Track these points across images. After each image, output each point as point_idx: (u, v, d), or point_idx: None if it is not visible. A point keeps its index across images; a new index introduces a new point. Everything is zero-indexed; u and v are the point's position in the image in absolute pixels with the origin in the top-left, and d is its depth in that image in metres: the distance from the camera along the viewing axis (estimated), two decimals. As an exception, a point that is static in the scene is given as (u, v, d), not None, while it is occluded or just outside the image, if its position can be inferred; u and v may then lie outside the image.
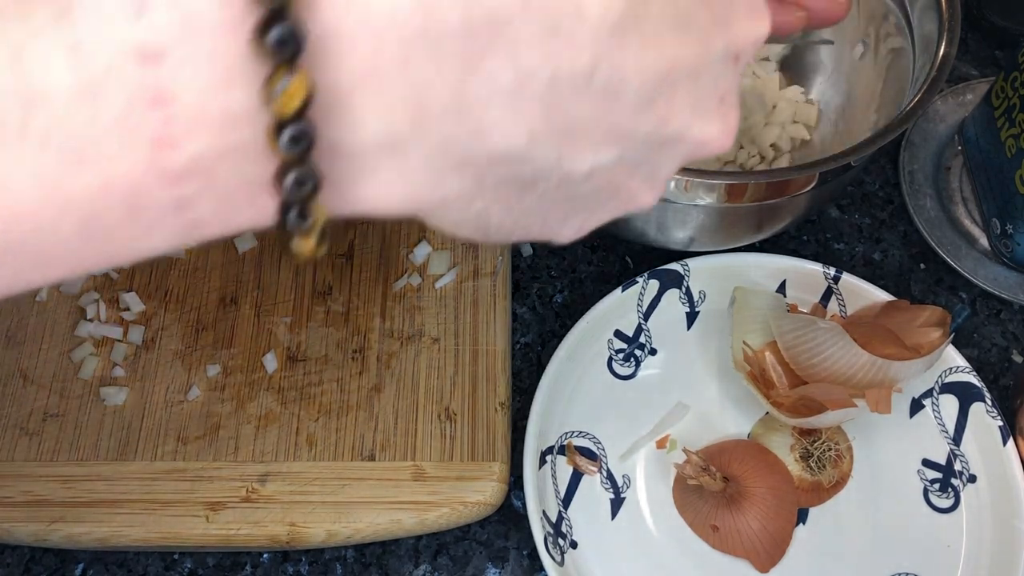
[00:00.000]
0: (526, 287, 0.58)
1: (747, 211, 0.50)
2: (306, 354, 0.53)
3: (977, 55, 0.68)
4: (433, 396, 0.52)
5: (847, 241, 0.61)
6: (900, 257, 0.60)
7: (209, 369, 0.52)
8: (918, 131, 0.64)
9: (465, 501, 0.49)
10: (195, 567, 0.50)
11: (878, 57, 0.56)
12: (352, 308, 0.54)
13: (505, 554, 0.51)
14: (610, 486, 0.51)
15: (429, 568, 0.50)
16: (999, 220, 0.57)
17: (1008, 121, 0.55)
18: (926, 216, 0.60)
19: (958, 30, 0.49)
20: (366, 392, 0.52)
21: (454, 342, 0.53)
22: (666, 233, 0.52)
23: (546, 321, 0.57)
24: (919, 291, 0.59)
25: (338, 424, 0.51)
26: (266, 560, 0.50)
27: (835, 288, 0.54)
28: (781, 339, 0.51)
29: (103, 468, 0.50)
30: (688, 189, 0.47)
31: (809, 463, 0.50)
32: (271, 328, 0.54)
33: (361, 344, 0.53)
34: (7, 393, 0.52)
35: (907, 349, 0.50)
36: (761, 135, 0.59)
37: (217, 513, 0.48)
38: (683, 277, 0.55)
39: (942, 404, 0.52)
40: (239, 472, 0.49)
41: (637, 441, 0.52)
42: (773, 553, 0.49)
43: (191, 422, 0.51)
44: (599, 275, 0.59)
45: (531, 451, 0.49)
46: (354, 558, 0.50)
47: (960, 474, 0.51)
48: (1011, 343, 0.57)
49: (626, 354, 0.54)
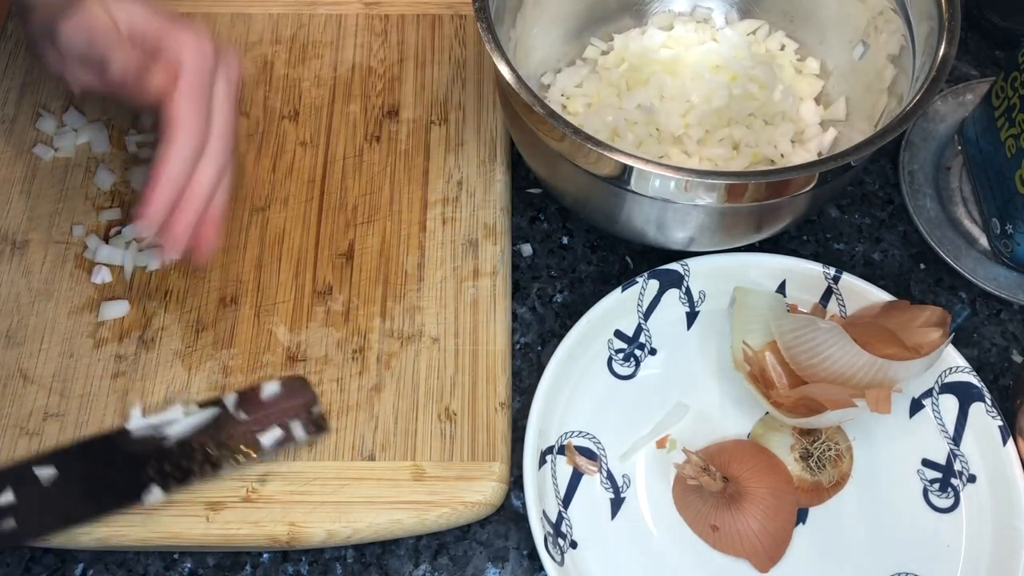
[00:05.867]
0: (526, 287, 0.58)
1: (747, 211, 0.50)
2: (306, 354, 0.53)
3: (977, 55, 0.68)
4: (433, 396, 0.52)
5: (847, 241, 0.61)
6: (900, 257, 0.60)
7: (209, 369, 0.52)
8: (918, 131, 0.64)
9: (465, 501, 0.49)
10: (195, 567, 0.50)
11: (878, 57, 0.57)
12: (352, 308, 0.54)
13: (505, 554, 0.51)
14: (610, 486, 0.51)
15: (429, 568, 0.50)
16: (999, 220, 0.57)
17: (1008, 121, 0.55)
18: (926, 216, 0.60)
19: (958, 30, 0.49)
20: (366, 392, 0.52)
21: (454, 342, 0.53)
22: (666, 233, 0.52)
23: (546, 321, 0.57)
24: (919, 291, 0.59)
25: (338, 424, 0.51)
26: (266, 560, 0.50)
27: (835, 288, 0.54)
28: (781, 339, 0.51)
29: (103, 468, 0.50)
30: (688, 189, 0.47)
31: (809, 463, 0.50)
32: (271, 328, 0.54)
33: (361, 344, 0.53)
34: (7, 393, 0.52)
35: (907, 349, 0.50)
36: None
37: (217, 513, 0.48)
38: (683, 277, 0.55)
39: (942, 404, 0.52)
40: (239, 472, 0.49)
41: (637, 441, 0.52)
42: (773, 553, 0.49)
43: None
44: (599, 275, 0.59)
45: (531, 451, 0.49)
46: (354, 558, 0.51)
47: (960, 474, 0.51)
48: (1011, 343, 0.57)
49: (626, 354, 0.54)
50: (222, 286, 0.55)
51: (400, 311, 0.54)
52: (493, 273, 0.56)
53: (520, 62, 0.57)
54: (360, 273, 0.56)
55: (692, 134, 0.58)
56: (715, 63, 0.60)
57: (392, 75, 0.63)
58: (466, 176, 0.59)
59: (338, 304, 0.55)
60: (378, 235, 0.57)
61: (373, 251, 0.56)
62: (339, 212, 0.58)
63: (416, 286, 0.55)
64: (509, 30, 0.56)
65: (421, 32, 0.65)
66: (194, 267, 0.54)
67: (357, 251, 0.56)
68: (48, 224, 0.57)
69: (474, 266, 0.56)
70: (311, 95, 0.62)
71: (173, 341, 0.53)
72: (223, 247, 0.56)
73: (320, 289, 0.55)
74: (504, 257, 0.56)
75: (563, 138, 0.47)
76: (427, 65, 0.63)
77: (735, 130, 0.58)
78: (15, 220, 0.57)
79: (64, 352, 0.53)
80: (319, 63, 0.63)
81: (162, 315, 0.54)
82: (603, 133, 0.57)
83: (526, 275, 0.59)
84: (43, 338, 0.53)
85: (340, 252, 0.56)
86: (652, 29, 0.63)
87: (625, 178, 0.48)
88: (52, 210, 0.57)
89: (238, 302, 0.55)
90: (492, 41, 0.48)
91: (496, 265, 0.56)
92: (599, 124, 0.58)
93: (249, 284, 0.55)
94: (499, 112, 0.61)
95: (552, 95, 0.61)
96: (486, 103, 0.62)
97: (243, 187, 0.58)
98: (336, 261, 0.56)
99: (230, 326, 0.54)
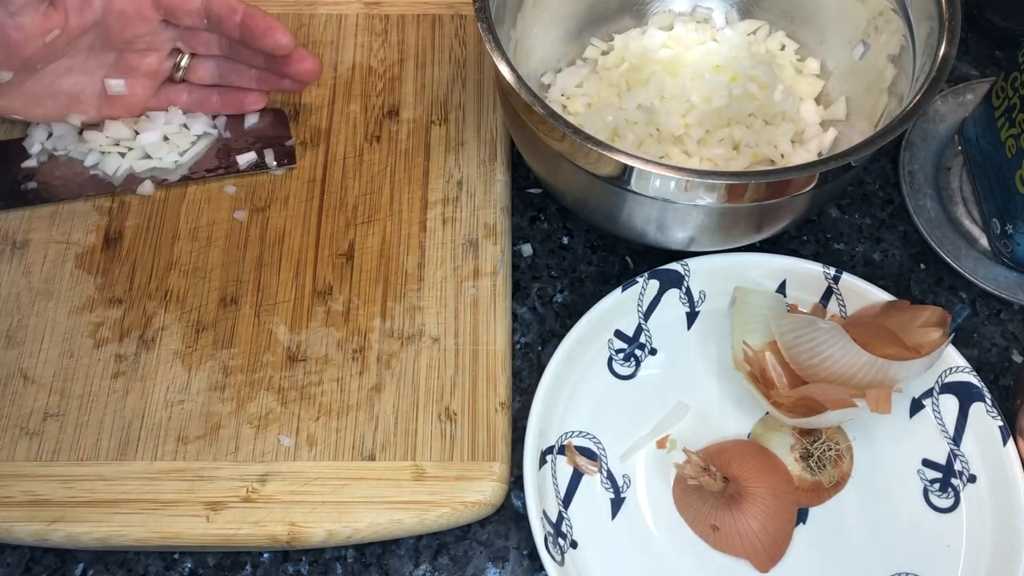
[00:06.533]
0: (526, 287, 0.58)
1: (747, 211, 0.50)
2: (306, 354, 0.53)
3: (977, 55, 0.68)
4: (433, 396, 0.52)
5: (847, 241, 0.61)
6: (900, 257, 0.60)
7: (209, 369, 0.52)
8: (918, 131, 0.64)
9: (465, 501, 0.49)
10: (195, 567, 0.50)
11: (878, 57, 0.57)
12: (352, 308, 0.54)
13: (505, 554, 0.51)
14: (610, 486, 0.51)
15: (429, 568, 0.50)
16: (999, 220, 0.57)
17: (1008, 121, 0.55)
18: (926, 216, 0.60)
19: (958, 30, 0.49)
20: (366, 392, 0.52)
21: (454, 342, 0.53)
22: (666, 233, 0.52)
23: (546, 321, 0.57)
24: (919, 291, 0.59)
25: (338, 424, 0.51)
26: (266, 560, 0.50)
27: (835, 288, 0.54)
28: (781, 339, 0.51)
29: (103, 468, 0.50)
30: (688, 189, 0.47)
31: (809, 463, 0.50)
32: (271, 328, 0.54)
33: (361, 344, 0.53)
34: (7, 393, 0.52)
35: (907, 349, 0.50)
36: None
37: (217, 513, 0.48)
38: (683, 277, 0.55)
39: (942, 404, 0.52)
40: (239, 472, 0.49)
41: (637, 441, 0.52)
42: (773, 553, 0.49)
43: (191, 422, 0.51)
44: (599, 275, 0.59)
45: (531, 451, 0.49)
46: (354, 558, 0.51)
47: (960, 474, 0.51)
48: (1011, 343, 0.57)
49: (626, 354, 0.54)
50: (222, 286, 0.55)
51: (400, 311, 0.54)
52: (493, 273, 0.56)
53: (520, 62, 0.57)
54: (360, 273, 0.56)
55: (692, 134, 0.58)
56: (715, 63, 0.60)
57: (392, 75, 0.63)
58: (466, 176, 0.59)
59: (338, 304, 0.55)
60: (378, 235, 0.57)
61: (373, 251, 0.56)
62: (339, 212, 0.58)
63: (416, 286, 0.55)
64: (509, 30, 0.56)
65: (421, 32, 0.65)
66: (306, 81, 0.58)
67: (357, 251, 0.56)
68: (48, 224, 0.57)
69: (474, 266, 0.56)
70: (311, 95, 0.62)
71: (173, 341, 0.53)
72: (223, 246, 0.56)
73: (320, 289, 0.55)
74: (504, 257, 0.56)
75: (563, 138, 0.47)
76: (427, 65, 0.63)
77: (735, 130, 0.58)
78: (15, 220, 0.57)
79: (64, 352, 0.53)
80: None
81: (162, 315, 0.54)
82: (603, 133, 0.57)
83: (526, 275, 0.59)
84: (43, 338, 0.53)
85: (340, 252, 0.56)
86: (652, 29, 0.63)
87: (625, 178, 0.48)
88: (52, 210, 0.57)
89: (238, 302, 0.55)
90: (492, 41, 0.48)
91: (496, 265, 0.56)
92: (599, 124, 0.58)
93: (249, 284, 0.55)
94: (499, 112, 0.61)
95: (552, 95, 0.61)
96: (486, 103, 0.62)
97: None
98: (336, 261, 0.56)
99: (230, 326, 0.54)
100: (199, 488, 0.49)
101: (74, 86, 0.56)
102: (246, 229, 0.57)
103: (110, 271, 0.55)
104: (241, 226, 0.57)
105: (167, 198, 0.58)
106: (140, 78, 0.57)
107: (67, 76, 0.55)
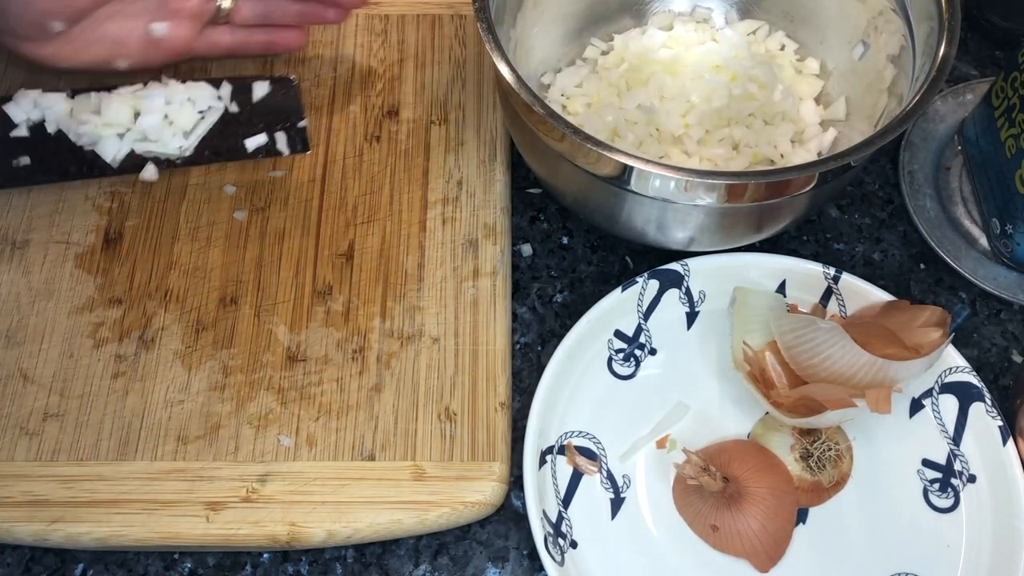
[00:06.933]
0: (526, 287, 0.58)
1: (747, 211, 0.50)
2: (306, 354, 0.53)
3: (977, 55, 0.68)
4: (433, 396, 0.52)
5: (847, 241, 0.61)
6: (900, 257, 0.60)
7: (209, 369, 0.52)
8: (918, 131, 0.64)
9: (465, 501, 0.49)
10: (195, 567, 0.50)
11: (878, 57, 0.57)
12: (352, 308, 0.54)
13: (505, 554, 0.51)
14: (610, 486, 0.51)
15: (429, 568, 0.50)
16: (999, 220, 0.57)
17: (1008, 121, 0.55)
18: (926, 216, 0.60)
19: (958, 30, 0.49)
20: (366, 392, 0.52)
21: (454, 342, 0.53)
22: (666, 233, 0.52)
23: (546, 321, 0.57)
24: (919, 291, 0.59)
25: (338, 424, 0.51)
26: (266, 560, 0.50)
27: (835, 288, 0.54)
28: (781, 339, 0.51)
29: (103, 468, 0.50)
30: (688, 189, 0.47)
31: (809, 463, 0.50)
32: (271, 328, 0.54)
33: (361, 344, 0.53)
34: (7, 393, 0.52)
35: (907, 349, 0.50)
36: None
37: (217, 513, 0.48)
38: (683, 277, 0.55)
39: (942, 404, 0.52)
40: (239, 472, 0.49)
41: (637, 441, 0.52)
42: (773, 553, 0.49)
43: (191, 422, 0.51)
44: (599, 275, 0.59)
45: (531, 451, 0.49)
46: (354, 558, 0.51)
47: (960, 474, 0.51)
48: (1011, 343, 0.57)
49: (626, 354, 0.54)
50: (222, 286, 0.55)
51: (400, 311, 0.54)
52: (493, 273, 0.56)
53: (520, 62, 0.57)
54: (360, 273, 0.56)
55: (692, 134, 0.58)
56: (715, 63, 0.60)
57: (392, 75, 0.63)
58: (466, 176, 0.59)
59: (338, 304, 0.55)
60: (378, 235, 0.57)
61: (373, 251, 0.56)
62: (339, 212, 0.58)
63: (416, 286, 0.55)
64: (509, 30, 0.56)
65: (421, 32, 0.65)
66: (352, 6, 0.60)
67: (357, 251, 0.56)
68: (48, 224, 0.57)
69: (474, 266, 0.56)
70: (311, 95, 0.62)
71: (173, 341, 0.53)
72: (223, 246, 0.56)
73: (320, 289, 0.55)
74: (504, 257, 0.56)
75: (563, 138, 0.47)
76: (427, 65, 0.63)
77: (735, 130, 0.58)
78: (15, 220, 0.57)
79: (64, 352, 0.53)
80: (319, 63, 0.63)
81: (162, 315, 0.54)
82: (603, 133, 0.57)
83: (526, 275, 0.59)
84: (43, 338, 0.53)
85: (340, 252, 0.56)
86: (652, 29, 0.63)
87: (625, 178, 0.48)
88: (52, 210, 0.57)
89: (238, 302, 0.55)
90: (492, 41, 0.48)
91: (496, 265, 0.56)
92: (599, 124, 0.58)
93: (249, 284, 0.55)
94: (499, 112, 0.61)
95: (552, 95, 0.61)
96: (486, 103, 0.62)
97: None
98: (336, 261, 0.56)
99: (230, 326, 0.54)
100: (199, 488, 0.49)
101: (119, 31, 0.56)
102: (246, 229, 0.57)
103: (110, 271, 0.55)
104: (241, 226, 0.57)
105: (167, 197, 0.58)
106: (183, 21, 0.58)
107: (112, 21, 0.56)
